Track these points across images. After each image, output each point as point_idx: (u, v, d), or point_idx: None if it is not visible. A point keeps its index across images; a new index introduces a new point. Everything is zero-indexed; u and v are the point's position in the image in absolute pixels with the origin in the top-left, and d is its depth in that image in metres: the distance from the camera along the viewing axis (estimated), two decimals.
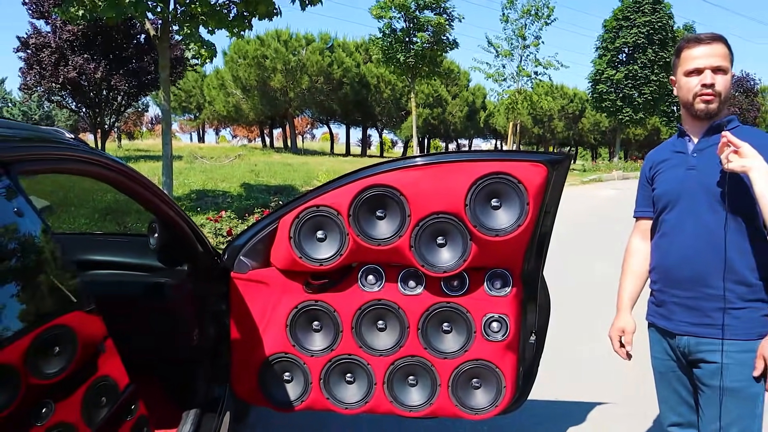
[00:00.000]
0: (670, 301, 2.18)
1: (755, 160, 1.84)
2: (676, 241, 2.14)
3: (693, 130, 2.16)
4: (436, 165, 2.41)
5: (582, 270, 7.66)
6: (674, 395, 2.29)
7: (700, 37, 2.07)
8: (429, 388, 2.60)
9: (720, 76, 2.03)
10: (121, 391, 1.65)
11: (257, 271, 2.70)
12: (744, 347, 2.01)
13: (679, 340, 2.16)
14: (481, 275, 2.53)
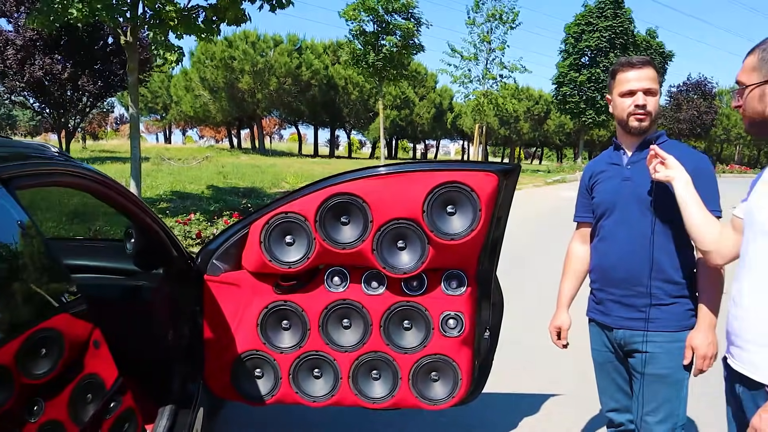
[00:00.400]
0: (608, 299, 2.41)
1: (678, 170, 2.08)
2: (613, 245, 2.37)
3: (627, 144, 2.40)
4: (396, 174, 2.60)
5: (541, 267, 7.92)
6: (612, 384, 2.52)
7: (632, 61, 2.30)
8: (391, 382, 2.77)
9: (650, 97, 2.27)
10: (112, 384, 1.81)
11: (229, 274, 2.85)
12: (671, 338, 2.25)
13: (615, 333, 2.39)
14: (439, 276, 2.72)
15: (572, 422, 3.62)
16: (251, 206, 10.26)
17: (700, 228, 2.02)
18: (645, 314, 2.27)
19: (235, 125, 47.41)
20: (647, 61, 2.31)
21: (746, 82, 1.73)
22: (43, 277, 1.55)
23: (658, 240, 2.24)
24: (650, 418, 2.32)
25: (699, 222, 2.02)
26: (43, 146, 1.96)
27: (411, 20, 18.12)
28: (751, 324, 1.73)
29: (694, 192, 2.05)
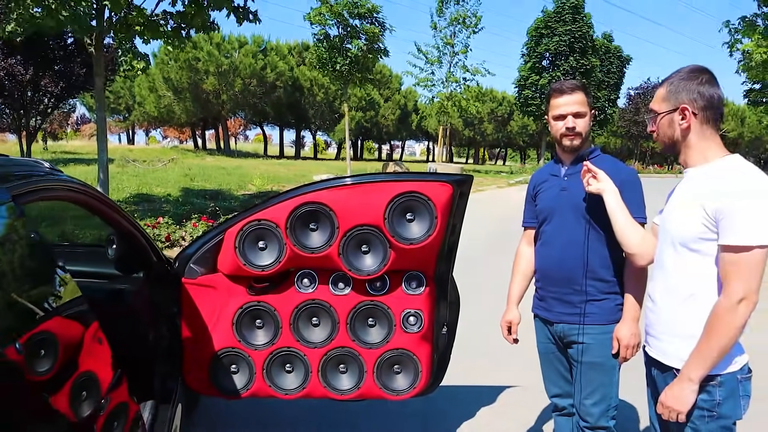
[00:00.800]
0: (549, 296, 2.69)
1: (607, 183, 2.37)
2: (552, 249, 2.66)
3: (564, 159, 2.68)
4: (360, 185, 2.84)
5: (503, 266, 8.20)
6: (554, 372, 2.81)
7: (563, 87, 2.58)
8: (357, 374, 3.00)
9: (579, 119, 2.54)
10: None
11: (206, 277, 3.05)
12: (603, 330, 2.54)
13: (556, 327, 2.67)
14: (400, 277, 2.97)
15: (527, 412, 3.90)
16: (219, 209, 10.37)
17: (625, 233, 2.31)
18: (580, 310, 2.56)
19: (200, 126, 47.07)
20: (576, 86, 2.58)
21: (658, 111, 2.03)
22: (53, 283, 1.76)
23: (591, 243, 2.53)
24: (587, 401, 2.61)
25: (624, 228, 2.31)
26: (37, 162, 2.16)
27: (375, 25, 18.34)
28: (662, 318, 2.04)
29: (621, 202, 2.35)
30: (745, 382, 1.94)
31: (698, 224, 1.87)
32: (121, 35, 8.64)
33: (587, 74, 37.37)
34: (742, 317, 1.77)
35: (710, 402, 1.88)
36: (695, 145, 1.97)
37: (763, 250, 1.75)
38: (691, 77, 1.96)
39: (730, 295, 1.78)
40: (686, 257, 1.94)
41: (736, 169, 1.87)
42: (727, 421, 1.90)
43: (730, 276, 1.79)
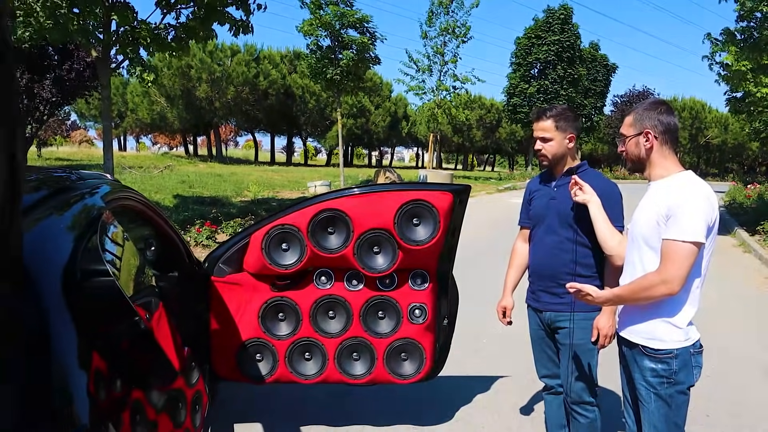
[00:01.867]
0: (538, 289, 3.09)
1: (592, 195, 2.79)
2: (541, 249, 3.07)
3: (555, 171, 3.06)
4: (373, 193, 3.24)
5: (494, 267, 8.57)
6: (544, 355, 3.21)
7: (537, 114, 3.02)
8: (369, 361, 3.40)
9: (545, 143, 2.96)
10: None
11: (233, 276, 3.43)
12: (584, 317, 2.92)
13: (544, 315, 3.07)
14: (406, 274, 3.36)
15: (518, 397, 4.30)
16: (220, 215, 10.72)
17: (605, 238, 2.73)
18: (564, 300, 2.95)
19: (192, 132, 47.28)
20: (545, 115, 2.98)
21: (626, 134, 2.47)
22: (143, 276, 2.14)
23: (574, 246, 2.93)
24: (572, 379, 3.02)
25: (605, 233, 2.73)
26: (103, 175, 2.54)
27: (366, 35, 18.75)
28: (630, 306, 2.46)
29: (603, 212, 2.76)
30: (697, 355, 2.37)
31: (656, 226, 2.31)
32: (128, 48, 8.97)
33: (574, 83, 37.99)
34: (658, 293, 2.25)
35: (668, 371, 2.31)
36: (656, 162, 2.41)
37: (695, 247, 2.19)
38: (652, 108, 2.42)
39: (660, 272, 2.24)
40: (647, 253, 2.37)
41: (687, 182, 2.31)
42: (682, 386, 2.33)
43: (665, 261, 2.23)
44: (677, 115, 11.68)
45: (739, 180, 38.55)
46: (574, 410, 3.06)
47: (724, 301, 7.51)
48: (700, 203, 2.21)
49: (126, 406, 1.57)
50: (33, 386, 1.20)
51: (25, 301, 1.25)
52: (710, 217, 2.22)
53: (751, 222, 14.03)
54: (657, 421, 2.36)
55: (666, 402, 2.34)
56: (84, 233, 1.62)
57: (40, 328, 1.24)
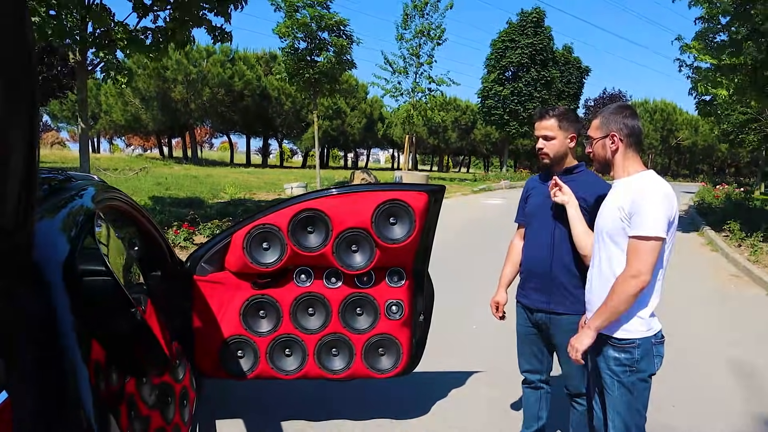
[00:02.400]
0: (529, 287, 3.18)
1: (570, 197, 2.91)
2: (534, 247, 3.15)
3: (553, 171, 3.14)
4: (351, 194, 3.35)
5: (468, 267, 8.74)
6: (528, 351, 3.30)
7: (540, 113, 3.09)
8: (347, 357, 3.49)
9: (548, 141, 3.04)
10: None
11: (215, 274, 3.51)
12: (575, 320, 2.96)
13: (535, 315, 3.15)
14: (383, 272, 3.47)
15: (493, 390, 4.43)
16: (198, 217, 10.73)
17: (581, 239, 2.86)
18: (556, 300, 3.04)
19: (167, 134, 46.91)
20: (548, 113, 3.06)
21: (593, 136, 2.61)
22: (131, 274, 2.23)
23: (566, 244, 3.01)
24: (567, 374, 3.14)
25: (581, 235, 2.86)
26: (92, 176, 2.62)
27: (343, 37, 18.84)
28: (595, 297, 2.61)
29: (581, 213, 2.88)
30: (659, 345, 2.52)
31: (619, 222, 2.46)
32: (104, 49, 8.95)
33: (548, 85, 38.47)
34: (632, 288, 2.36)
35: (631, 360, 2.46)
36: (620, 163, 2.57)
37: (658, 242, 2.34)
38: (617, 112, 2.57)
39: (627, 271, 2.38)
40: (611, 248, 2.52)
41: (647, 181, 2.45)
42: (643, 374, 2.48)
43: (631, 258, 2.38)
44: (649, 117, 12.12)
45: (709, 181, 39.37)
46: (573, 401, 3.19)
47: (691, 297, 7.77)
48: (659, 201, 2.35)
49: (123, 397, 1.66)
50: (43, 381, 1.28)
51: (34, 299, 1.34)
52: (670, 213, 2.37)
53: (718, 221, 14.43)
54: (620, 407, 2.51)
55: (628, 389, 2.48)
56: (80, 233, 1.71)
57: (48, 323, 1.33)
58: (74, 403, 1.32)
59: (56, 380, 1.30)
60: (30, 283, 1.32)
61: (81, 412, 1.32)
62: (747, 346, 5.74)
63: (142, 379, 1.85)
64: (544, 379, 3.34)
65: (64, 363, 1.32)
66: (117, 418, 1.55)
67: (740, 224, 12.76)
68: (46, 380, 1.28)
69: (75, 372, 1.33)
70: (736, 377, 4.91)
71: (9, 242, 1.11)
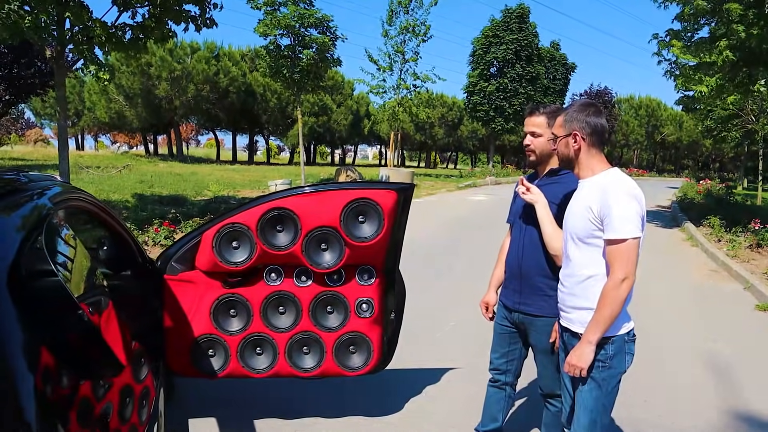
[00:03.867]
0: (509, 287, 3.16)
1: (538, 196, 2.90)
2: (515, 247, 3.13)
3: (539, 171, 3.13)
4: (319, 192, 3.35)
5: (445, 262, 8.77)
6: (500, 349, 3.28)
7: (531, 109, 3.06)
8: (318, 355, 3.50)
9: (535, 138, 3.01)
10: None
11: (185, 273, 3.51)
12: (551, 322, 2.97)
13: (513, 315, 3.15)
14: (354, 270, 3.48)
15: (470, 386, 4.43)
16: (179, 215, 10.70)
17: (550, 238, 2.85)
18: (532, 302, 3.03)
19: (152, 131, 46.65)
20: (539, 110, 3.03)
21: (558, 134, 2.62)
22: (92, 276, 2.22)
23: (538, 246, 2.98)
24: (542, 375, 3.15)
25: (550, 234, 2.85)
26: (52, 177, 2.60)
27: (327, 34, 18.78)
28: (567, 296, 2.63)
29: (549, 212, 2.87)
30: (630, 343, 2.54)
31: (588, 223, 2.47)
32: (83, 46, 8.88)
33: (533, 81, 38.57)
34: (624, 292, 2.36)
35: (604, 356, 2.48)
36: (584, 161, 2.57)
37: (635, 241, 2.35)
38: (581, 110, 2.57)
39: (614, 277, 2.37)
40: (582, 249, 2.53)
41: (614, 180, 2.47)
42: (614, 371, 2.50)
43: (613, 262, 2.38)
44: (634, 112, 12.16)
45: (693, 176, 39.68)
46: (547, 401, 3.19)
47: (669, 293, 7.85)
48: (627, 201, 2.36)
49: (72, 401, 1.65)
50: None
51: None
52: (640, 209, 2.38)
53: (699, 216, 14.55)
54: (588, 401, 2.54)
55: (598, 384, 2.50)
56: (30, 234, 1.71)
57: None
58: (17, 408, 1.31)
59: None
60: None
61: (23, 417, 1.32)
62: (722, 341, 5.80)
63: (94, 382, 1.85)
64: (508, 382, 3.33)
65: (6, 367, 1.32)
66: (65, 423, 1.54)
67: (720, 219, 12.89)
68: None
69: (17, 377, 1.33)
70: (710, 372, 4.96)
71: None
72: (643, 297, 7.27)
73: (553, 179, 3.03)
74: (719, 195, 21.01)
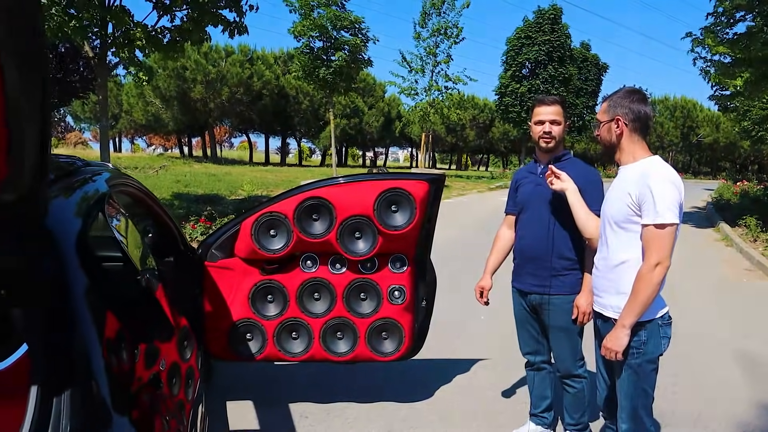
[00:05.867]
0: (523, 272, 3.30)
1: (568, 183, 2.98)
2: (527, 233, 3.27)
3: (541, 159, 3.28)
4: (354, 183, 3.49)
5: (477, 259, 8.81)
6: (527, 334, 3.43)
7: (545, 100, 3.20)
8: (352, 340, 3.62)
9: (555, 126, 3.16)
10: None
11: (225, 261, 3.67)
12: (566, 300, 3.13)
13: (529, 297, 3.29)
14: (386, 258, 3.59)
15: (496, 377, 4.54)
16: (215, 212, 10.95)
17: (584, 223, 2.93)
18: (549, 283, 3.17)
19: (186, 133, 47.47)
20: (555, 100, 3.20)
21: (601, 120, 2.68)
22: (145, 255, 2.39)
23: (558, 230, 3.14)
24: (559, 355, 3.27)
25: (583, 219, 2.94)
26: (105, 164, 2.78)
27: (359, 36, 18.99)
28: (602, 281, 2.70)
29: (581, 198, 2.96)
30: (665, 327, 2.58)
31: (626, 208, 2.51)
32: (124, 49, 9.18)
33: (565, 82, 38.21)
34: (658, 276, 2.40)
35: (638, 342, 2.53)
36: (626, 147, 2.61)
37: (673, 227, 2.39)
38: (626, 96, 2.62)
39: (648, 261, 2.42)
40: (619, 234, 2.58)
41: (654, 166, 2.50)
42: (650, 356, 2.55)
43: (649, 247, 2.42)
44: (670, 114, 12.05)
45: (730, 178, 38.89)
46: (564, 383, 3.31)
47: (703, 290, 7.80)
48: (668, 187, 2.40)
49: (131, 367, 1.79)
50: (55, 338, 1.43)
51: (49, 258, 1.49)
52: (679, 198, 2.42)
53: (734, 217, 14.34)
54: (627, 388, 2.59)
55: (635, 371, 2.55)
56: (92, 209, 1.87)
57: (62, 281, 1.48)
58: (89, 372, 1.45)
59: (67, 340, 1.43)
60: (44, 247, 1.47)
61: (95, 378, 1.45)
62: (755, 337, 5.77)
63: (147, 351, 1.99)
64: (545, 360, 3.46)
65: (75, 320, 1.46)
66: (122, 378, 1.68)
67: (757, 219, 12.70)
68: (58, 339, 1.42)
69: (85, 328, 1.47)
70: (740, 366, 4.96)
71: (24, 208, 1.26)
72: (674, 293, 7.25)
73: (557, 165, 3.12)
74: (756, 195, 20.62)
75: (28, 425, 1.23)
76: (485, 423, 3.84)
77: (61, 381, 1.32)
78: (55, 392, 1.29)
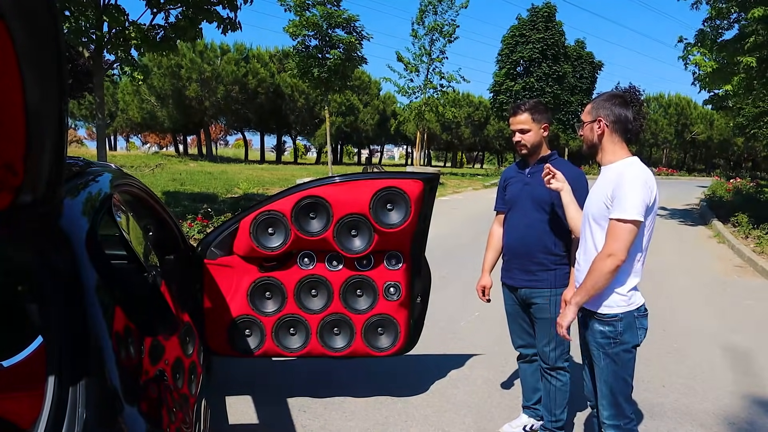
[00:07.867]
0: (512, 267, 3.43)
1: (564, 183, 3.10)
2: (515, 229, 3.40)
3: (528, 161, 3.40)
4: (350, 182, 3.56)
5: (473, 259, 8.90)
6: (519, 327, 3.55)
7: (513, 109, 3.35)
8: (348, 336, 3.70)
9: (524, 134, 3.30)
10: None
11: (224, 258, 3.74)
12: (554, 293, 3.26)
13: (519, 292, 3.41)
14: (382, 255, 3.67)
15: (490, 371, 4.64)
16: (211, 210, 11.00)
17: (575, 221, 3.05)
18: (537, 277, 3.31)
19: (182, 132, 47.44)
20: (522, 109, 3.33)
21: (585, 120, 2.80)
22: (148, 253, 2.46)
23: (545, 226, 3.28)
24: (545, 348, 3.37)
25: (575, 217, 3.05)
26: (108, 164, 2.85)
27: (353, 34, 19.04)
28: (581, 275, 2.80)
29: (573, 198, 3.07)
30: (642, 318, 2.70)
31: (603, 206, 2.65)
32: (120, 48, 9.22)
33: (560, 80, 38.23)
34: (609, 266, 2.54)
35: (615, 332, 2.65)
36: (606, 147, 2.74)
37: (634, 224, 2.51)
38: (608, 99, 2.76)
39: (603, 251, 2.57)
40: (595, 230, 2.71)
41: (632, 167, 2.63)
42: (627, 345, 2.66)
43: (609, 238, 2.56)
44: (664, 111, 12.28)
45: (723, 175, 39.06)
46: (550, 374, 3.40)
47: (694, 286, 7.90)
48: (638, 186, 2.53)
49: (139, 361, 1.87)
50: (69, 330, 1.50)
51: (63, 256, 1.57)
52: (648, 198, 2.54)
53: (727, 214, 14.48)
54: (607, 376, 2.71)
55: (613, 360, 2.67)
56: (99, 209, 1.94)
57: (75, 277, 1.56)
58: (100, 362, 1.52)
59: (81, 330, 1.51)
60: (59, 245, 1.55)
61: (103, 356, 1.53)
62: (744, 332, 5.88)
63: (153, 346, 2.06)
64: (536, 353, 3.54)
65: (87, 311, 1.54)
66: (132, 371, 1.76)
67: (748, 216, 12.83)
68: (72, 330, 1.49)
69: (97, 322, 1.55)
70: (729, 361, 5.06)
71: (42, 210, 1.34)
72: (665, 288, 7.37)
73: (542, 166, 3.23)
74: (749, 193, 20.78)
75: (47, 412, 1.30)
76: (479, 416, 3.93)
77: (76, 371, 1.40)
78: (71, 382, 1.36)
